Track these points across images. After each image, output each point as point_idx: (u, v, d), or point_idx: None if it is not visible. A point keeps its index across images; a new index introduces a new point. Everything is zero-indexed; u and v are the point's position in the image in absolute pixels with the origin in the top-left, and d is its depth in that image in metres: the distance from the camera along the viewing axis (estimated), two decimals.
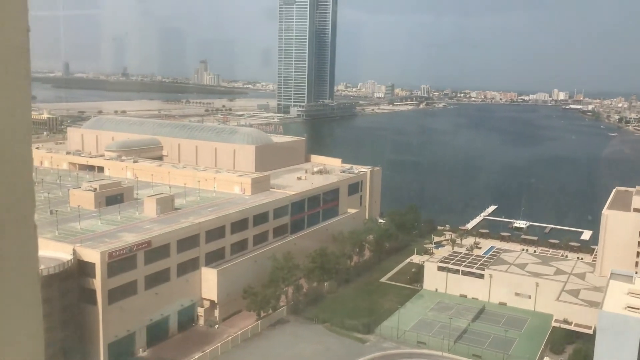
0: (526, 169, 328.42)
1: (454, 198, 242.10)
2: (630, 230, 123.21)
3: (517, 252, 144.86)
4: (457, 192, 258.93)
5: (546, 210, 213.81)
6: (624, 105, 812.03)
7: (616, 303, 66.04)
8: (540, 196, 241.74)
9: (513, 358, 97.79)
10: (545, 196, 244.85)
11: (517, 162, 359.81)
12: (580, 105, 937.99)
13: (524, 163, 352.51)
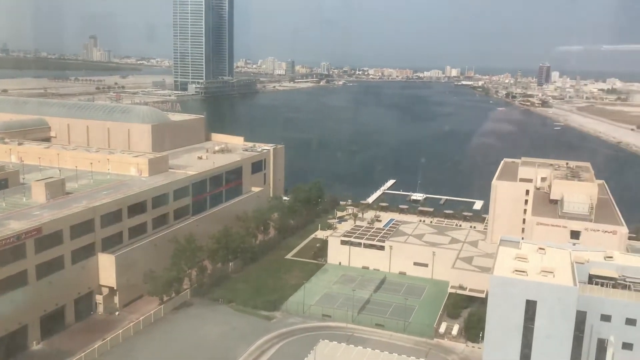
0: (422, 143, 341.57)
1: (356, 173, 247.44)
2: (517, 198, 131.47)
3: (415, 224, 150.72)
4: (358, 167, 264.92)
5: (441, 182, 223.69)
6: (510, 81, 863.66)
7: (505, 267, 70.41)
8: (435, 169, 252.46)
9: (413, 324, 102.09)
10: (441, 169, 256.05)
11: (414, 137, 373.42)
12: (471, 81, 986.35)
13: (420, 138, 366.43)
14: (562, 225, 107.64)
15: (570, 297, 64.78)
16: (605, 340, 67.37)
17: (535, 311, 65.70)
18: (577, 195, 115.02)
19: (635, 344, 67.38)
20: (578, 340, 67.73)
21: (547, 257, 74.48)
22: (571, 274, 68.57)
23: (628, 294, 68.40)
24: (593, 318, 67.87)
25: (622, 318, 67.39)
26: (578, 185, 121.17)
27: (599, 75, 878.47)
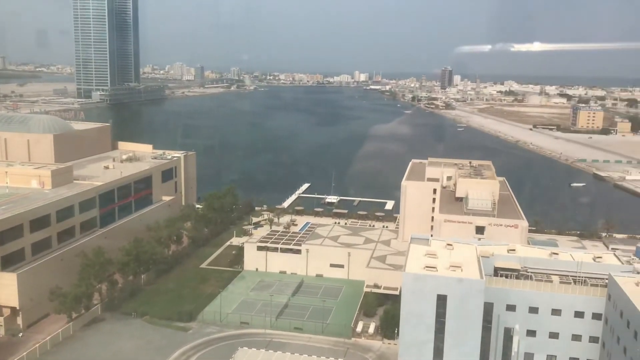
0: (335, 146, 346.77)
1: (270, 178, 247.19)
2: (425, 197, 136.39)
3: (330, 226, 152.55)
4: (272, 172, 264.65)
5: (354, 184, 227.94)
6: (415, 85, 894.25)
7: (416, 264, 72.88)
8: (348, 172, 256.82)
9: (331, 326, 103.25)
10: (353, 171, 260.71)
11: (327, 140, 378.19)
12: (379, 85, 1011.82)
13: (332, 141, 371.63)
14: (468, 222, 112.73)
15: (478, 290, 67.98)
16: (511, 328, 71.30)
17: (446, 305, 68.41)
18: (480, 192, 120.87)
19: (538, 331, 71.80)
20: (486, 330, 71.21)
21: (455, 253, 77.76)
22: (478, 267, 71.97)
23: (530, 284, 72.79)
24: (499, 308, 71.65)
25: (526, 307, 71.63)
26: (481, 183, 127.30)
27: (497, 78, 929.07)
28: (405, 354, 70.78)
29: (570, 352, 71.78)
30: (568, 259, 78.48)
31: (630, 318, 62.32)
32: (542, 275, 75.30)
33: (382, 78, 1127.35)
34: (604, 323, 69.95)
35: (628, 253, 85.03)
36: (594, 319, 70.67)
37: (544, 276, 75.14)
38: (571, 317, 71.00)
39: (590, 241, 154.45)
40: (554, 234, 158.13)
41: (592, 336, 70.99)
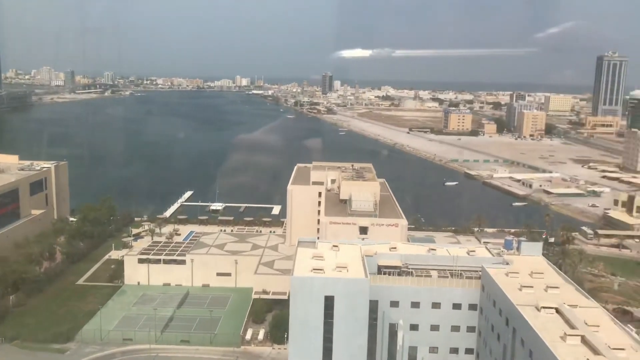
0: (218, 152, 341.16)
1: (150, 187, 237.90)
2: (311, 201, 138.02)
3: (216, 234, 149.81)
4: (152, 181, 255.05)
5: (239, 190, 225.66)
6: (298, 90, 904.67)
7: (304, 267, 73.26)
8: (233, 178, 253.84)
9: (219, 336, 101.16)
10: (238, 177, 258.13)
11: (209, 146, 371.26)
12: (261, 90, 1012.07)
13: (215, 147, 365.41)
14: (352, 223, 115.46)
15: (363, 289, 69.53)
16: (396, 324, 73.68)
17: (334, 305, 69.26)
18: (362, 194, 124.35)
19: (420, 324, 74.75)
20: (372, 327, 73.01)
21: (340, 254, 79.08)
22: (362, 267, 73.68)
23: (411, 280, 75.66)
24: (384, 305, 73.79)
25: (408, 302, 74.34)
26: (363, 185, 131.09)
27: (375, 83, 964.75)
28: (295, 357, 70.77)
29: (450, 343, 75.50)
30: (445, 254, 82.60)
31: (502, 306, 66.69)
32: (422, 271, 78.58)
33: (265, 83, 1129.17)
34: (480, 313, 74.32)
35: (498, 245, 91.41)
36: (470, 309, 74.83)
37: (424, 271, 78.47)
38: (450, 309, 74.72)
39: (464, 236, 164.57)
40: (431, 231, 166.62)
41: (470, 326, 75.14)
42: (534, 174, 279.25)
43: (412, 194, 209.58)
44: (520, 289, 67.41)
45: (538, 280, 70.87)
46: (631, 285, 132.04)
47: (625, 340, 56.60)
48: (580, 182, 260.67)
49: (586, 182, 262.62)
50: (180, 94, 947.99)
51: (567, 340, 55.12)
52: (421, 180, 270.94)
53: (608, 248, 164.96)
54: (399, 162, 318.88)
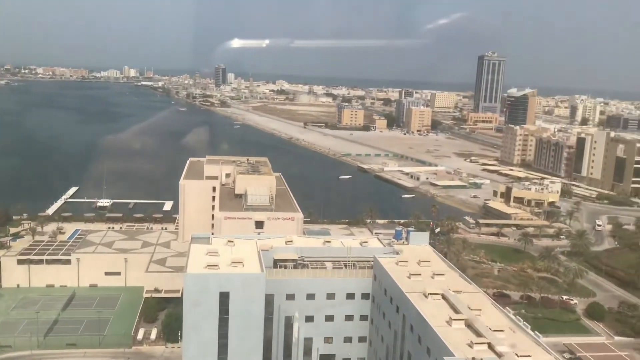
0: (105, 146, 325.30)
1: (30, 184, 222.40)
2: (205, 196, 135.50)
3: (104, 231, 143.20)
4: (32, 177, 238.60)
5: (129, 186, 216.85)
6: (190, 82, 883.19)
7: (198, 264, 71.85)
8: (121, 173, 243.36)
9: (109, 337, 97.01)
10: (127, 172, 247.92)
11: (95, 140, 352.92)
12: (151, 82, 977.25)
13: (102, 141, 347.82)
14: (248, 217, 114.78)
15: (259, 283, 69.43)
16: (292, 316, 74.37)
17: (229, 301, 68.60)
18: (258, 188, 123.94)
19: (315, 316, 75.95)
20: (268, 321, 73.20)
21: (236, 249, 78.43)
22: (258, 261, 73.56)
23: (307, 272, 76.65)
24: (280, 299, 74.20)
25: (304, 294, 75.27)
26: (258, 179, 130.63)
27: (269, 77, 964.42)
28: (189, 355, 69.36)
29: (344, 332, 77.44)
30: (339, 246, 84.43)
31: (392, 294, 69.32)
32: (318, 263, 79.85)
33: (154, 74, 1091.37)
34: (372, 301, 76.78)
35: (388, 236, 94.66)
36: (363, 298, 77.12)
37: (319, 263, 79.78)
38: (344, 299, 76.57)
39: (357, 228, 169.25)
40: (326, 224, 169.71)
41: (362, 315, 77.45)
42: (421, 167, 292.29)
43: (308, 188, 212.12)
44: (409, 277, 70.40)
45: (425, 268, 74.38)
46: (509, 271, 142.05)
47: (504, 322, 60.86)
48: (463, 175, 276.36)
49: (468, 174, 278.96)
50: (62, 85, 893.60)
51: (452, 325, 58.34)
52: (316, 174, 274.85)
53: (488, 236, 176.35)
54: (295, 156, 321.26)
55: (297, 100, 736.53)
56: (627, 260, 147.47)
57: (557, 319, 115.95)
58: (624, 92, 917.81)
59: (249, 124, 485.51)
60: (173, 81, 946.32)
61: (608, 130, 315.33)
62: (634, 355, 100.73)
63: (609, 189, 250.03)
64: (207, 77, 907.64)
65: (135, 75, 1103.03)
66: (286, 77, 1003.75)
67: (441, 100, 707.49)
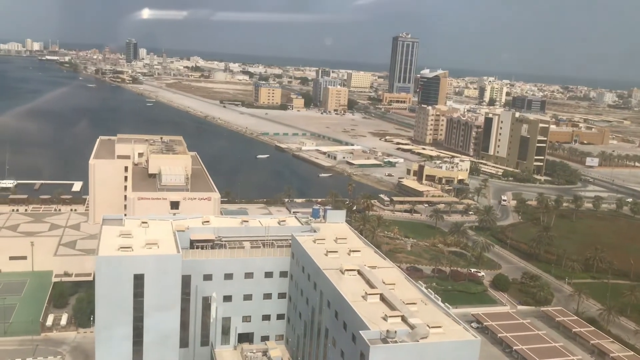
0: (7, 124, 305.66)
1: None
2: (116, 176, 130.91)
3: (7, 214, 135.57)
4: None
5: (34, 166, 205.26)
6: (99, 57, 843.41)
7: (110, 246, 69.58)
8: (25, 152, 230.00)
9: (15, 324, 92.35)
10: (31, 151, 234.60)
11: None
12: (56, 56, 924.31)
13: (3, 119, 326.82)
14: (162, 198, 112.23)
15: (175, 264, 68.36)
16: (209, 297, 73.87)
17: (144, 284, 67.16)
18: (173, 167, 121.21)
19: (233, 295, 75.89)
20: (185, 302, 72.43)
21: (150, 230, 76.62)
22: (174, 242, 72.27)
23: (224, 252, 76.22)
24: (197, 279, 73.47)
25: (222, 274, 74.91)
26: (173, 158, 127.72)
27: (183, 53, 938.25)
28: (103, 340, 67.46)
29: (263, 310, 77.94)
30: (257, 225, 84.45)
31: (310, 271, 70.36)
32: (235, 243, 79.55)
33: (60, 48, 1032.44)
34: (290, 279, 77.60)
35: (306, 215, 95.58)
36: (281, 277, 77.81)
37: (237, 243, 79.50)
38: (262, 278, 76.90)
39: (276, 207, 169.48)
40: (244, 203, 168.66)
41: (281, 292, 78.18)
42: (338, 147, 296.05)
43: (225, 167, 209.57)
44: (326, 254, 71.67)
45: (342, 245, 75.95)
46: (421, 246, 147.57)
47: (416, 295, 63.41)
48: (378, 154, 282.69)
49: (383, 153, 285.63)
50: None
51: (367, 299, 60.11)
52: (233, 153, 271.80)
53: (402, 213, 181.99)
54: (211, 135, 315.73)
55: (213, 78, 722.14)
56: (529, 234, 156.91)
57: (466, 291, 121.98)
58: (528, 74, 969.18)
59: (163, 101, 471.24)
60: (81, 56, 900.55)
61: (513, 111, 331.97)
62: (534, 322, 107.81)
63: (513, 166, 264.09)
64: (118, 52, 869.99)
65: (39, 49, 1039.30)
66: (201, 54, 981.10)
67: (357, 80, 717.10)
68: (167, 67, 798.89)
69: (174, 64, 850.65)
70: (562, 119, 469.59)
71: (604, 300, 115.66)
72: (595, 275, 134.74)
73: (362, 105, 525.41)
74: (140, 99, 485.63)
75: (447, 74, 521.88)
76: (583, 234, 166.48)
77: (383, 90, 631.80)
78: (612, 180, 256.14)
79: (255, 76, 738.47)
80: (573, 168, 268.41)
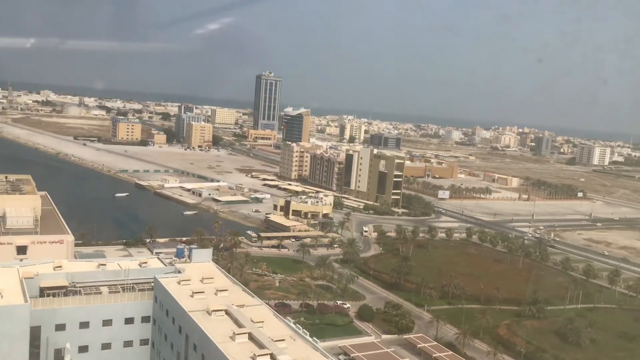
0: None
1: None
2: None
3: None
4: None
5: None
6: None
7: None
8: None
9: None
10: None
11: None
12: None
13: None
14: (7, 242, 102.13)
15: (22, 315, 62.08)
16: (62, 349, 67.74)
17: None
18: (19, 209, 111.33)
19: (90, 345, 70.31)
20: (34, 356, 65.78)
21: None
22: (21, 291, 65.81)
23: (79, 299, 70.66)
24: (48, 330, 67.18)
25: (76, 323, 69.21)
26: (19, 198, 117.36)
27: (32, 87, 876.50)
28: None
29: (124, 359, 72.94)
30: (116, 268, 79.56)
31: (174, 314, 67.31)
32: (92, 288, 74.15)
33: None
34: (153, 324, 73.60)
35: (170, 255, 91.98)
36: (143, 322, 73.50)
37: (94, 289, 74.16)
38: (122, 325, 72.14)
39: (136, 248, 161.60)
40: (101, 245, 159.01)
41: (143, 339, 73.77)
42: (203, 183, 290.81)
43: (80, 207, 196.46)
44: (192, 296, 69.13)
45: (209, 285, 73.75)
46: (289, 281, 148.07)
47: (285, 331, 62.97)
48: (244, 190, 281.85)
49: (250, 189, 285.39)
50: None
51: (236, 340, 58.59)
52: (89, 192, 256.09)
53: (270, 249, 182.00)
54: (64, 173, 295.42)
55: (66, 113, 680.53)
56: (390, 264, 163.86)
57: (333, 324, 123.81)
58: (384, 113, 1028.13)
59: (8, 137, 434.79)
60: None
61: (371, 148, 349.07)
62: (398, 351, 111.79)
63: (373, 200, 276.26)
64: None
65: None
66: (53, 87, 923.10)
67: (222, 116, 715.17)
68: (14, 101, 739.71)
69: (21, 97, 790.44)
70: (415, 155, 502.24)
71: (460, 325, 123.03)
72: (451, 301, 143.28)
73: (228, 142, 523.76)
74: None
75: (310, 112, 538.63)
76: (438, 263, 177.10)
77: (248, 127, 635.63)
78: (461, 211, 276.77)
79: (113, 111, 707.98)
80: (427, 200, 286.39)
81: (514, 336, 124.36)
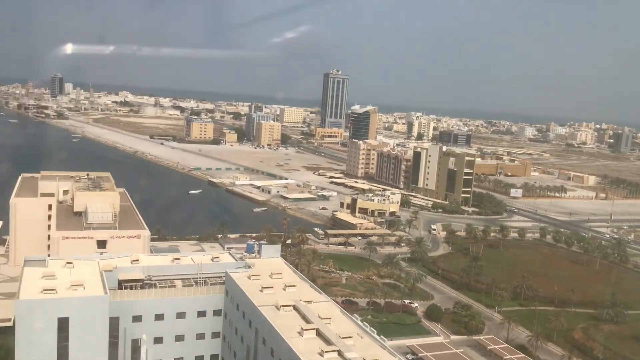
0: None
1: None
2: (40, 215, 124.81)
3: None
4: None
5: None
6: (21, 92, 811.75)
7: (32, 289, 65.79)
8: None
9: None
10: None
11: None
12: None
13: None
14: (88, 237, 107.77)
15: (102, 306, 65.41)
16: (139, 339, 70.87)
17: (69, 327, 63.77)
18: (100, 205, 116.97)
19: (164, 337, 73.24)
20: (113, 345, 69.15)
21: (75, 271, 73.24)
22: (101, 283, 69.30)
23: (154, 292, 73.70)
24: (125, 321, 70.46)
25: (152, 315, 72.24)
26: (100, 195, 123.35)
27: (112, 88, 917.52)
28: None
29: (196, 351, 75.48)
30: (189, 263, 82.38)
31: (245, 309, 69.00)
32: (166, 282, 77.15)
33: None
34: (224, 318, 75.76)
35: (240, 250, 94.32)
36: (215, 315, 75.85)
37: (168, 282, 77.13)
38: (194, 318, 74.70)
39: (209, 243, 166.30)
40: (175, 241, 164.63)
41: (214, 332, 76.12)
42: (272, 181, 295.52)
43: (155, 204, 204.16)
44: (262, 291, 70.61)
45: (277, 280, 75.12)
46: (356, 278, 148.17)
47: (352, 328, 63.28)
48: (312, 188, 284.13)
49: (317, 187, 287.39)
50: None
51: (303, 335, 59.43)
52: (164, 189, 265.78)
53: (336, 246, 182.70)
54: (141, 171, 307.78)
55: (143, 113, 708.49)
56: (459, 264, 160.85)
57: (400, 322, 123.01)
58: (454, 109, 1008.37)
59: (90, 137, 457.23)
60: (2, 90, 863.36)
61: (440, 145, 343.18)
62: (467, 352, 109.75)
63: (442, 198, 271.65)
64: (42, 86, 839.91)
65: None
66: (130, 89, 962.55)
67: (290, 115, 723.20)
68: (95, 102, 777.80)
69: (101, 98, 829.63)
70: (486, 152, 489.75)
71: (532, 327, 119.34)
72: (523, 302, 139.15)
73: (295, 140, 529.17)
74: (65, 134, 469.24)
75: (377, 110, 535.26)
76: (510, 263, 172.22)
77: (315, 125, 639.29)
78: (535, 210, 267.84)
79: (187, 111, 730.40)
80: (498, 199, 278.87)
81: (590, 340, 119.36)
